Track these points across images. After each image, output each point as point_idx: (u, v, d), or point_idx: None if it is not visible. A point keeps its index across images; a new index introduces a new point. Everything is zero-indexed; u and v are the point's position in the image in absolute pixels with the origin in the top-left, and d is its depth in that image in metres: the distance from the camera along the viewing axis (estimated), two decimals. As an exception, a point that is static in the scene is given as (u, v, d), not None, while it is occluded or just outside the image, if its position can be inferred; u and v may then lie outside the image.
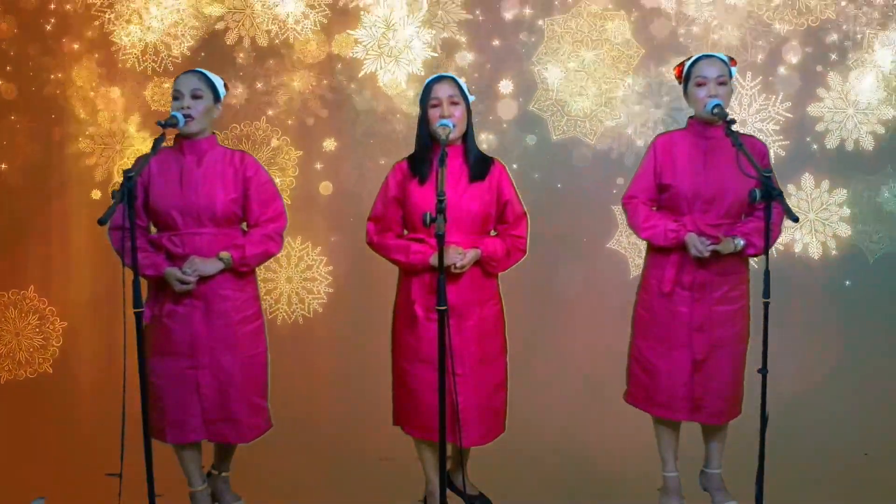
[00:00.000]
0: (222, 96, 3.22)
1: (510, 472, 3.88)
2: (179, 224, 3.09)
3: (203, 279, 3.07)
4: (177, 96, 3.10)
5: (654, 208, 3.31)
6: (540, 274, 4.51)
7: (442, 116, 3.11)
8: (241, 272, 3.16)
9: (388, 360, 3.31)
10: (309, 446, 4.30)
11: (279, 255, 3.56)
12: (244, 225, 3.25)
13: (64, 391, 4.85)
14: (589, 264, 4.75)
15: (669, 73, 4.41)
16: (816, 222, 4.64)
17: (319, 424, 4.52)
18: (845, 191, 4.63)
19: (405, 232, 3.27)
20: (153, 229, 3.20)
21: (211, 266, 3.08)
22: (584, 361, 4.63)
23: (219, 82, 3.20)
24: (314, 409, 4.61)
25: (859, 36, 4.55)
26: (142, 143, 4.82)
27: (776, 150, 4.56)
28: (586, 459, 4.11)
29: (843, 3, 4.54)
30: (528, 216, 3.29)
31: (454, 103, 3.14)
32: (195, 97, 3.10)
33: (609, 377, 4.56)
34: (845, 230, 4.64)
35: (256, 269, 3.25)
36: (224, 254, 3.10)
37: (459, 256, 3.07)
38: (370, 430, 4.08)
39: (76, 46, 4.92)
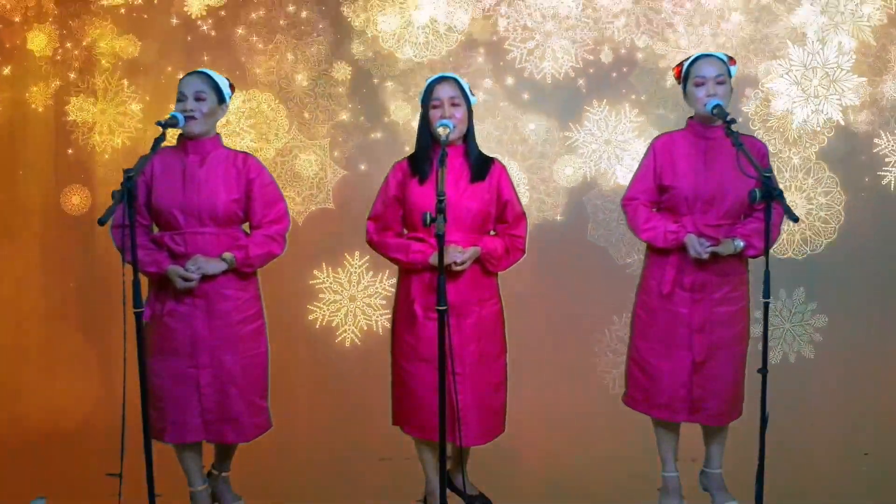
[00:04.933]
0: (228, 97, 3.22)
1: (510, 472, 3.88)
2: (181, 223, 3.10)
3: (205, 278, 3.07)
4: (180, 98, 3.11)
5: (655, 210, 3.31)
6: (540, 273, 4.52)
7: (443, 117, 3.11)
8: (244, 272, 3.16)
9: (388, 360, 3.31)
10: (309, 446, 4.31)
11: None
12: (246, 226, 3.25)
13: (64, 391, 4.84)
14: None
15: None
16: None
17: (319, 424, 4.52)
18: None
19: (404, 231, 3.27)
20: (156, 228, 3.20)
21: (215, 266, 3.08)
22: (584, 361, 4.63)
23: (224, 83, 3.20)
24: (314, 408, 4.61)
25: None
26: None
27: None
28: (586, 459, 4.11)
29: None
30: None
31: (455, 104, 3.14)
32: (198, 99, 3.10)
33: (609, 377, 4.58)
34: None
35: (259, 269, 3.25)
36: (228, 255, 3.10)
37: (459, 254, 3.07)
38: (370, 430, 4.08)
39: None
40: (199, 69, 3.24)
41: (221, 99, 3.18)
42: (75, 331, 4.95)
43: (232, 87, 3.25)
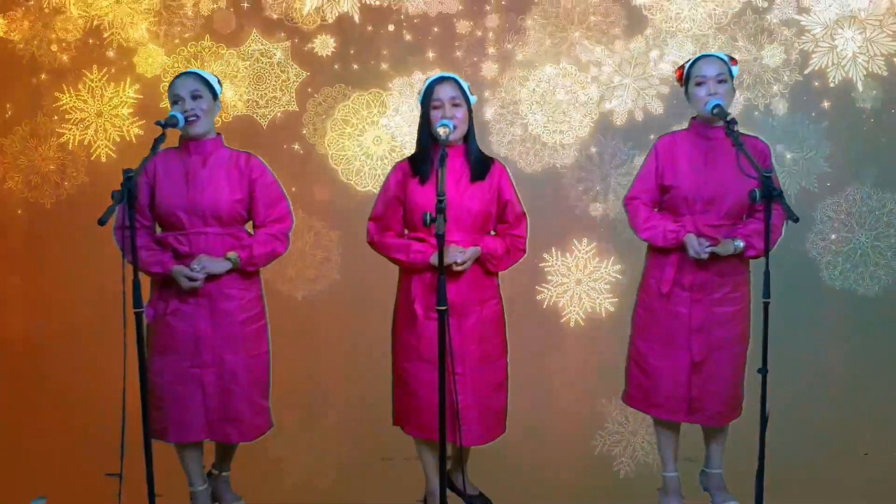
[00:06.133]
0: (219, 93, 3.22)
1: (510, 472, 3.88)
2: (185, 223, 3.10)
3: (209, 278, 3.08)
4: (176, 100, 3.10)
5: (656, 209, 3.31)
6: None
7: (443, 118, 3.11)
8: (247, 272, 3.17)
9: (388, 360, 3.31)
10: (309, 446, 4.31)
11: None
12: (249, 226, 3.26)
13: (64, 391, 4.84)
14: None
15: None
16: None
17: (320, 424, 4.52)
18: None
19: (405, 231, 3.28)
20: (159, 229, 3.20)
21: (219, 265, 3.09)
22: (584, 361, 4.63)
23: (213, 80, 3.20)
24: (315, 408, 4.61)
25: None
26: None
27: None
28: (586, 459, 4.11)
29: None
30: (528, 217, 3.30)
31: (456, 105, 3.14)
32: (195, 97, 3.10)
33: (609, 377, 4.58)
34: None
35: (261, 270, 3.26)
36: (232, 254, 3.11)
37: (459, 254, 3.08)
38: (370, 430, 4.08)
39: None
40: (188, 70, 3.26)
41: (214, 95, 3.18)
42: (75, 330, 4.95)
43: (219, 82, 3.26)
